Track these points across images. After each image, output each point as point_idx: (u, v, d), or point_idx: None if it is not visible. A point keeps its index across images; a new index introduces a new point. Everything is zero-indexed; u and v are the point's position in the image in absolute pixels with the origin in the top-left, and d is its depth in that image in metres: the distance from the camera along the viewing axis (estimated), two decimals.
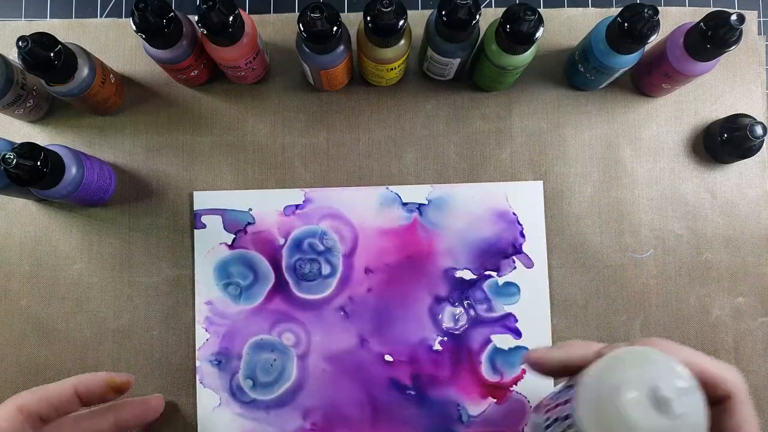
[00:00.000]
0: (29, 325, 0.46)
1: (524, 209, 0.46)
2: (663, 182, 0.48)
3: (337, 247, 0.45)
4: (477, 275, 0.45)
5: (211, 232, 0.45)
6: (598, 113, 0.48)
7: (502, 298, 0.45)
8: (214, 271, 0.45)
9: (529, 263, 0.45)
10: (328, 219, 0.46)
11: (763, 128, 0.44)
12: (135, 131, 0.48)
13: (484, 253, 0.45)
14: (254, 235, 0.45)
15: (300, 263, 0.45)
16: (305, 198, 0.46)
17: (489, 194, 0.46)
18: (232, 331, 0.45)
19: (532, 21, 0.38)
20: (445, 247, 0.45)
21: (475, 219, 0.46)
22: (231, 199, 0.45)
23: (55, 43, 0.39)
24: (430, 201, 0.46)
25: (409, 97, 0.48)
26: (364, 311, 0.45)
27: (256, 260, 0.45)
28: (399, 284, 0.45)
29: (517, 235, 0.45)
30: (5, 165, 0.36)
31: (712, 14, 0.40)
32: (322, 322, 0.45)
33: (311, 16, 0.38)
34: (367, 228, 0.46)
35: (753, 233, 0.48)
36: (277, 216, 0.45)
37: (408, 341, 0.45)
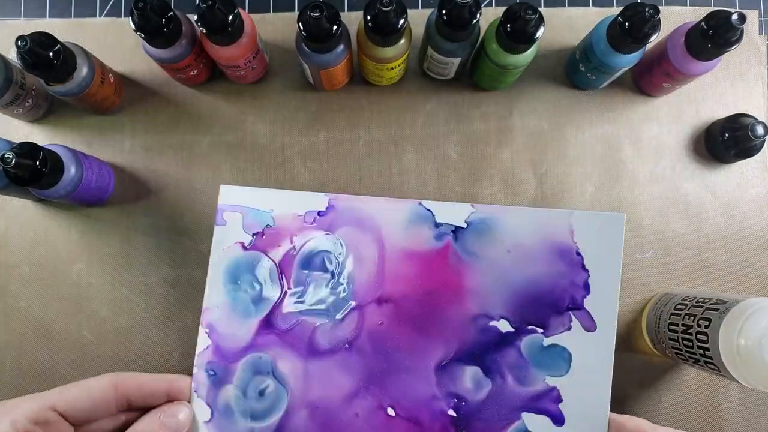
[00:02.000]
0: (28, 325, 0.46)
1: (595, 250, 0.36)
2: (664, 182, 0.48)
3: (351, 272, 0.39)
4: (515, 328, 0.36)
5: (229, 230, 0.41)
6: (599, 113, 0.48)
7: (545, 365, 0.35)
8: (225, 273, 0.41)
9: (591, 325, 0.35)
10: (348, 232, 0.40)
11: (764, 128, 0.44)
12: (134, 131, 0.48)
13: (530, 302, 0.36)
14: (271, 238, 0.41)
15: (310, 281, 0.40)
16: (329, 204, 0.40)
17: (548, 223, 0.36)
18: (232, 343, 0.39)
19: (532, 20, 0.38)
20: (479, 286, 0.37)
21: (525, 254, 0.36)
22: (255, 197, 0.41)
23: (54, 42, 0.38)
24: (469, 224, 0.38)
25: (409, 96, 0.48)
26: (371, 349, 0.38)
27: (267, 268, 0.40)
28: (415, 324, 0.38)
29: (579, 284, 0.35)
30: (4, 165, 0.36)
31: (713, 13, 0.40)
32: (324, 352, 0.39)
33: (311, 15, 0.38)
34: (389, 248, 0.39)
35: (754, 233, 0.47)
36: (297, 221, 0.40)
37: (415, 397, 0.37)
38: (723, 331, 0.34)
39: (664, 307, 0.42)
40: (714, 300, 0.37)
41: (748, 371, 0.33)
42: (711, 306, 0.37)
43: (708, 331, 0.36)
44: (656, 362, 0.46)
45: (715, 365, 0.36)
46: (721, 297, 0.37)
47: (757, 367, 0.33)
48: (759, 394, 0.46)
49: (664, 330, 0.41)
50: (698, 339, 0.37)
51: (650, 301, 0.46)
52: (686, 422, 0.45)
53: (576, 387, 0.34)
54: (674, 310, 0.41)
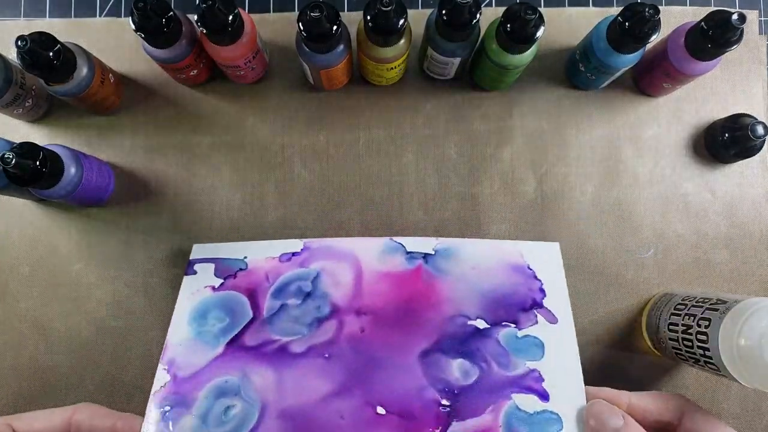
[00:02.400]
0: (28, 325, 0.46)
1: (543, 268, 0.42)
2: (664, 182, 0.48)
3: (327, 291, 0.41)
4: (490, 324, 0.40)
5: (200, 278, 0.42)
6: (599, 113, 0.48)
7: (523, 352, 0.39)
8: (191, 313, 0.41)
9: (553, 319, 0.40)
10: (324, 263, 0.42)
11: (764, 128, 0.44)
12: (134, 131, 0.48)
13: (499, 304, 0.40)
14: (243, 278, 0.42)
15: (284, 306, 0.41)
16: (304, 247, 0.43)
17: (501, 251, 0.42)
18: (194, 375, 0.39)
19: (532, 20, 0.38)
20: (452, 294, 0.41)
21: (487, 270, 0.42)
22: (229, 250, 0.43)
23: (54, 42, 0.38)
24: (436, 251, 0.42)
25: (409, 97, 0.48)
26: (352, 352, 0.39)
27: (237, 301, 0.42)
28: (395, 326, 0.40)
29: (536, 289, 0.41)
30: (4, 165, 0.36)
31: (713, 14, 0.40)
32: (300, 359, 0.39)
33: (311, 15, 0.38)
34: (365, 270, 0.42)
35: (754, 233, 0.47)
36: (272, 263, 0.43)
37: (403, 391, 0.38)
38: (723, 331, 0.34)
39: (664, 307, 0.42)
40: (714, 300, 0.37)
41: (747, 371, 0.33)
42: (711, 306, 0.37)
43: (708, 331, 0.36)
44: (656, 362, 0.46)
45: (715, 365, 0.36)
46: (721, 297, 0.37)
47: (756, 367, 0.33)
48: (759, 394, 0.46)
49: (664, 330, 0.41)
50: (698, 339, 0.37)
51: (650, 301, 0.46)
52: None
53: (552, 368, 0.38)
54: (674, 310, 0.41)
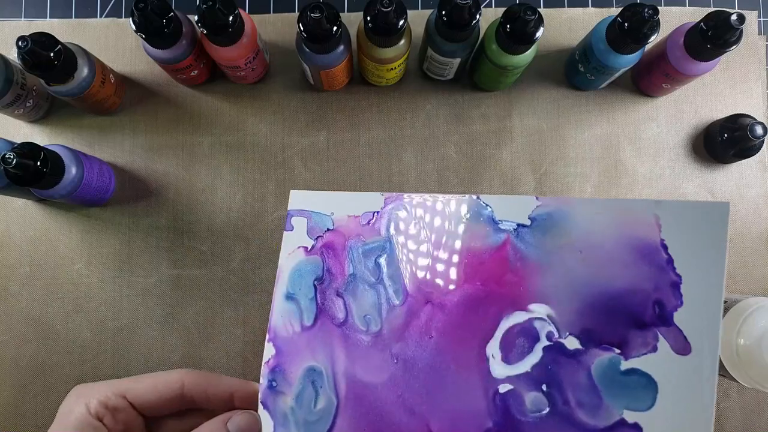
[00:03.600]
0: (29, 325, 0.46)
1: (689, 249, 0.28)
2: (663, 182, 0.48)
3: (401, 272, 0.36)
4: (585, 347, 0.29)
5: (295, 236, 0.40)
6: (599, 113, 0.48)
7: (623, 395, 0.27)
8: (289, 280, 0.39)
9: (684, 346, 0.27)
10: (400, 232, 0.37)
11: (764, 128, 0.44)
12: (135, 131, 0.48)
13: (606, 313, 0.29)
14: (328, 241, 0.39)
15: (362, 286, 0.37)
16: (384, 204, 0.38)
17: (629, 217, 0.29)
18: (291, 353, 0.37)
19: (532, 21, 0.38)
20: (544, 292, 0.30)
21: (600, 255, 0.29)
22: (319, 201, 0.40)
23: (55, 43, 0.39)
24: (533, 220, 0.32)
25: (409, 97, 0.48)
26: (419, 365, 0.33)
27: (322, 268, 0.38)
28: (465, 333, 0.32)
29: (669, 291, 0.27)
30: (5, 165, 0.36)
31: (712, 14, 0.40)
32: (372, 365, 0.35)
33: (311, 15, 0.38)
34: (441, 247, 0.34)
35: (753, 233, 0.48)
36: (353, 223, 0.38)
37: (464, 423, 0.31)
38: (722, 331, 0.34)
39: None
40: None
41: (747, 371, 0.33)
42: None
43: None
44: None
45: None
46: None
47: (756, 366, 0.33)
48: (758, 394, 0.46)
49: None
50: None
51: None
52: None
53: (664, 427, 0.26)
54: None
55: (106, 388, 0.32)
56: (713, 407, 0.25)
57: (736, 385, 0.46)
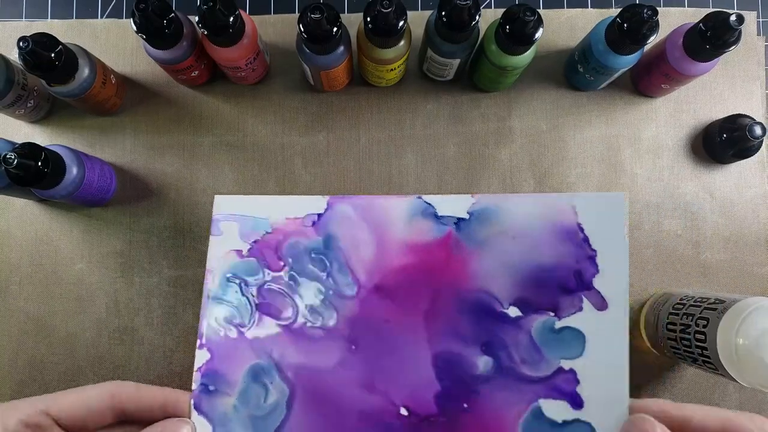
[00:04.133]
0: (29, 325, 0.46)
1: (600, 231, 0.34)
2: (662, 182, 0.48)
3: (349, 264, 0.38)
4: (524, 314, 0.34)
5: (226, 240, 0.40)
6: (598, 114, 0.49)
7: (558, 348, 0.33)
8: (222, 284, 0.39)
9: (601, 304, 0.33)
10: (347, 231, 0.39)
11: (762, 128, 0.44)
12: (135, 131, 0.48)
13: (538, 284, 0.34)
14: (268, 243, 0.39)
15: (306, 278, 0.38)
16: (327, 205, 0.39)
17: (550, 208, 0.35)
18: (231, 355, 0.38)
19: (531, 21, 0.39)
20: (485, 273, 0.35)
21: (531, 239, 0.35)
22: (250, 206, 0.40)
23: (56, 43, 0.39)
24: (471, 214, 0.36)
25: (409, 97, 0.49)
26: (376, 347, 0.36)
27: (263, 269, 0.39)
28: (416, 314, 0.36)
29: (586, 263, 0.34)
30: (6, 165, 0.37)
31: (711, 15, 0.40)
32: (326, 352, 0.37)
33: (311, 16, 0.38)
34: (388, 241, 0.38)
35: (752, 233, 0.48)
36: (296, 224, 0.39)
37: (424, 391, 0.35)
38: (721, 331, 0.35)
39: (663, 307, 0.42)
40: (712, 299, 0.37)
41: (745, 370, 0.33)
42: (709, 305, 0.37)
43: (706, 330, 0.36)
44: (655, 362, 0.46)
45: (713, 364, 0.36)
46: (719, 296, 0.37)
47: (754, 366, 0.33)
48: (757, 394, 0.46)
49: (662, 329, 0.41)
50: (696, 338, 0.37)
51: (648, 301, 0.46)
52: None
53: (593, 369, 0.32)
54: (672, 309, 0.41)
55: (27, 406, 0.31)
56: (627, 346, 0.31)
57: (735, 384, 0.46)
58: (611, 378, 0.32)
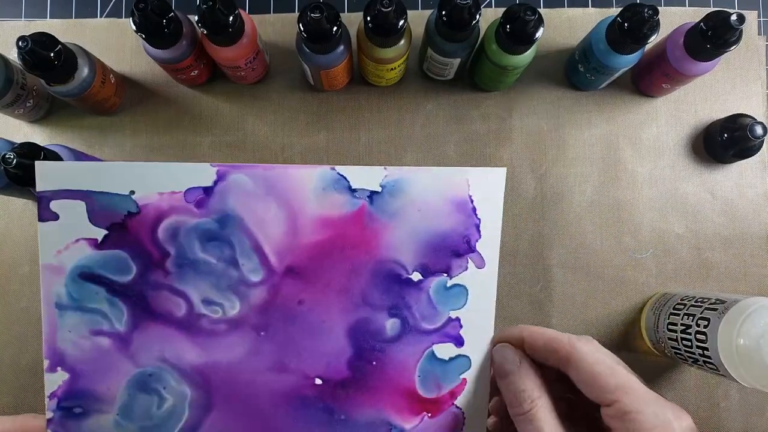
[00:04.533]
0: (29, 325, 0.46)
1: (484, 200, 0.38)
2: (663, 182, 0.48)
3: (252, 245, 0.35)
4: (424, 277, 0.38)
5: (67, 227, 0.32)
6: (598, 113, 0.48)
7: (449, 302, 0.38)
8: (70, 282, 0.32)
9: (481, 263, 0.38)
10: (246, 207, 0.35)
11: (763, 128, 0.44)
12: (135, 131, 0.48)
13: (435, 251, 0.38)
14: (136, 228, 0.32)
15: (197, 266, 0.34)
16: (217, 176, 0.34)
17: (449, 181, 0.38)
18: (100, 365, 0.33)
19: (532, 21, 0.38)
20: (394, 244, 0.38)
21: (432, 209, 0.38)
22: (103, 176, 0.32)
23: (55, 43, 0.39)
24: (383, 187, 0.37)
25: (409, 97, 0.48)
26: (285, 327, 0.36)
27: (132, 261, 0.33)
28: (330, 290, 0.37)
29: (473, 229, 0.38)
30: (5, 165, 0.36)
31: (712, 14, 0.40)
32: (233, 345, 0.35)
33: (311, 16, 0.38)
34: (300, 216, 0.36)
35: (753, 233, 0.48)
36: (174, 200, 0.33)
37: (337, 358, 0.37)
38: (722, 331, 0.35)
39: (663, 307, 0.42)
40: (713, 300, 0.37)
41: (746, 371, 0.33)
42: (710, 306, 0.37)
43: (707, 330, 0.36)
44: (655, 362, 0.46)
45: (714, 365, 0.36)
46: (719, 297, 0.37)
47: (755, 366, 0.33)
48: (758, 394, 0.46)
49: (663, 330, 0.41)
50: (697, 339, 0.37)
51: (649, 301, 0.46)
52: None
53: (472, 314, 0.38)
54: (673, 309, 0.41)
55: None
56: (495, 293, 0.38)
57: (736, 384, 0.46)
58: (483, 319, 0.38)
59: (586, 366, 0.31)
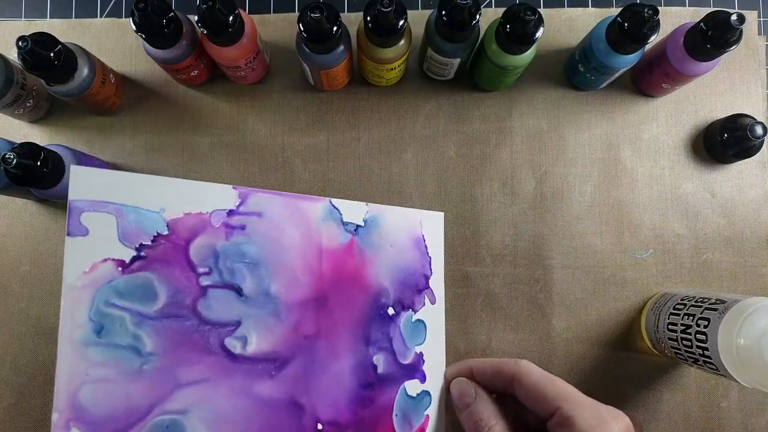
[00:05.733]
0: (29, 325, 0.46)
1: (432, 241, 0.42)
2: (663, 182, 0.48)
3: (266, 274, 0.34)
4: (397, 312, 0.39)
5: (94, 244, 0.28)
6: (599, 113, 0.48)
7: (414, 337, 0.40)
8: (93, 310, 0.29)
9: (433, 299, 0.41)
10: (267, 233, 0.34)
11: (763, 128, 0.44)
12: (135, 131, 0.48)
13: (404, 286, 0.40)
14: (165, 250, 0.30)
15: (225, 300, 0.32)
16: (240, 199, 0.34)
17: (409, 220, 0.41)
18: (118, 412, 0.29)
19: (532, 21, 0.38)
20: (378, 278, 0.39)
21: (400, 246, 0.40)
22: (135, 190, 0.30)
23: (55, 43, 0.39)
24: (366, 222, 0.40)
25: (409, 97, 0.48)
26: (292, 355, 0.34)
27: (164, 292, 0.30)
28: (329, 317, 0.36)
29: (427, 267, 0.41)
30: (5, 165, 0.36)
31: (712, 14, 0.40)
32: (248, 381, 0.32)
33: (311, 15, 0.38)
34: (309, 247, 0.36)
35: (753, 233, 0.48)
36: (202, 223, 0.31)
37: (335, 398, 0.35)
38: (722, 331, 0.35)
39: (663, 307, 0.42)
40: (713, 300, 0.37)
41: (746, 371, 0.33)
42: (710, 306, 0.37)
43: (707, 330, 0.36)
44: (655, 362, 0.46)
45: (714, 365, 0.36)
46: (720, 297, 0.37)
47: (755, 366, 0.33)
48: (758, 394, 0.46)
49: (663, 330, 0.41)
50: (697, 339, 0.37)
51: (649, 301, 0.46)
52: (686, 421, 0.46)
53: (430, 348, 0.40)
54: (673, 309, 0.41)
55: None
56: (443, 328, 0.41)
57: (736, 384, 0.46)
58: (438, 354, 0.40)
59: (530, 380, 0.34)
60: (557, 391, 0.33)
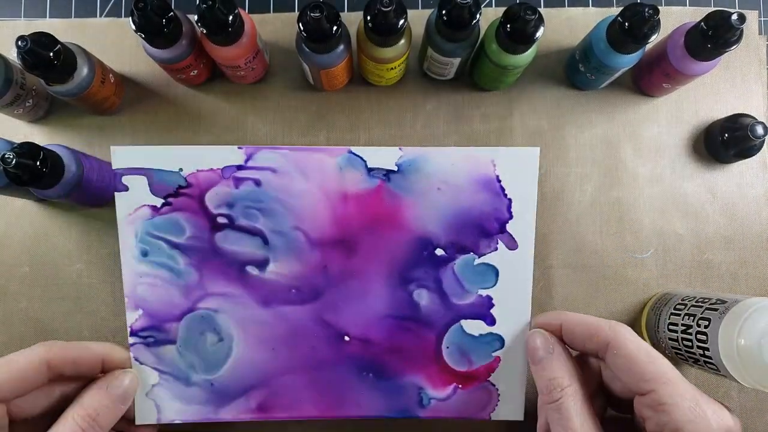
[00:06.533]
0: (29, 325, 0.46)
1: (514, 180, 0.40)
2: (663, 182, 0.48)
3: (283, 216, 0.40)
4: (449, 254, 0.40)
5: (134, 196, 0.39)
6: (599, 113, 0.48)
7: (477, 281, 0.40)
8: (140, 238, 0.39)
9: (513, 245, 0.40)
10: (274, 181, 0.40)
11: (764, 128, 0.44)
12: (134, 131, 0.48)
13: (461, 228, 0.40)
14: (187, 197, 0.39)
15: (241, 236, 0.40)
16: (246, 155, 0.40)
17: (472, 160, 0.40)
18: (167, 308, 0.40)
19: (532, 20, 0.38)
20: (414, 218, 0.40)
21: (453, 188, 0.40)
22: (158, 156, 0.39)
23: (55, 42, 0.39)
24: (399, 166, 0.40)
25: (409, 97, 0.48)
26: (319, 287, 0.40)
27: (187, 224, 0.40)
28: (359, 258, 0.40)
29: (503, 210, 0.40)
30: (4, 165, 0.36)
31: (712, 14, 0.40)
32: (270, 299, 0.40)
33: (311, 15, 0.38)
34: (322, 191, 0.40)
35: (754, 233, 0.47)
36: (214, 176, 0.40)
37: (367, 321, 0.40)
38: (722, 331, 0.34)
39: (664, 307, 0.42)
40: (713, 300, 0.37)
41: (747, 371, 0.33)
42: (710, 306, 0.37)
43: (707, 331, 0.36)
44: None
45: (715, 365, 0.36)
46: (720, 297, 0.37)
47: (756, 367, 0.33)
48: (759, 394, 0.46)
49: (663, 330, 0.41)
50: (698, 339, 0.37)
51: (650, 301, 0.46)
52: None
53: (504, 294, 0.40)
54: (674, 310, 0.41)
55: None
56: (531, 276, 0.39)
57: (736, 385, 0.46)
58: (517, 301, 0.40)
59: (627, 351, 0.30)
60: (657, 371, 0.30)
